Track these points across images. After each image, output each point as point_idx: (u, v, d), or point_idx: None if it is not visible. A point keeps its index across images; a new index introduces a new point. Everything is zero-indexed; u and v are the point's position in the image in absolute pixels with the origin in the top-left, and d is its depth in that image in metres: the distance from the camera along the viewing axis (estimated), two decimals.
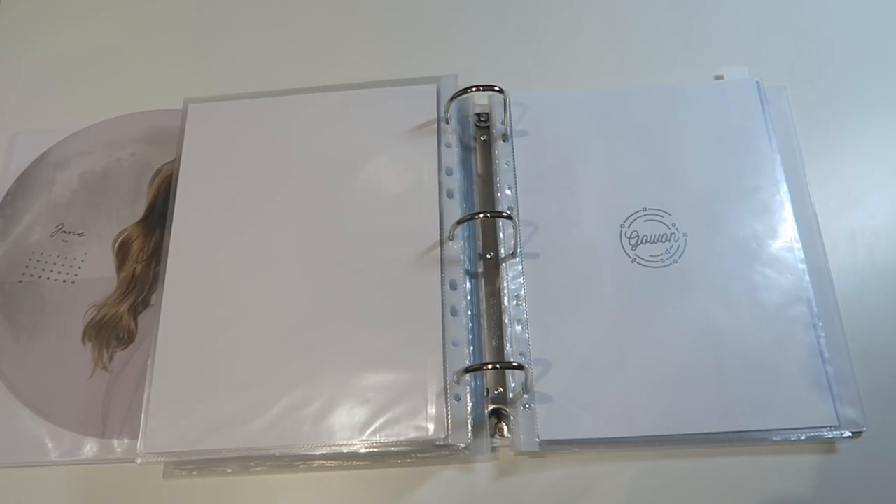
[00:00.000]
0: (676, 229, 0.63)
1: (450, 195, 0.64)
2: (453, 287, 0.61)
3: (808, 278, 0.61)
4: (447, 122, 0.67)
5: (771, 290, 0.61)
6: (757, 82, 0.69)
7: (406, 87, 0.70)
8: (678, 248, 0.63)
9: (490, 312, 0.63)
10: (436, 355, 0.58)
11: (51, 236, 0.69)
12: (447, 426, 0.56)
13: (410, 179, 0.65)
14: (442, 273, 0.61)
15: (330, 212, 0.65)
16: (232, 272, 0.63)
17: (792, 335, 0.59)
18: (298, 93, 0.71)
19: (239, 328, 0.61)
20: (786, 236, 0.63)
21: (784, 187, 0.65)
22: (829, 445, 0.58)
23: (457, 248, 0.62)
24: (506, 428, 0.58)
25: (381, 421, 0.57)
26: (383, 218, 0.64)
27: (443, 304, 0.60)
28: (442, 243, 0.62)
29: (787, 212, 0.64)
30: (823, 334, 0.60)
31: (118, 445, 0.60)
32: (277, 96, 0.71)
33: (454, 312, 0.60)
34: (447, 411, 0.56)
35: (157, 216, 0.68)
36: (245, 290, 0.62)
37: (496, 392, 0.59)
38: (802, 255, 0.62)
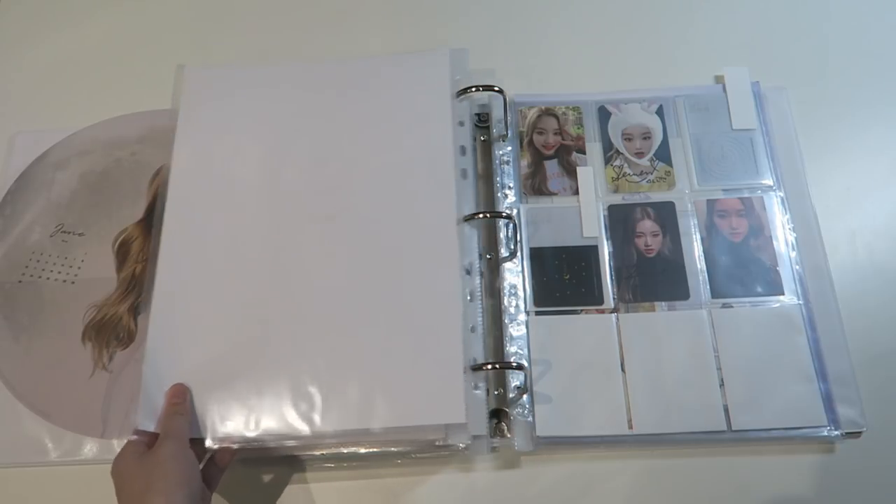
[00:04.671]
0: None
1: (464, 175, 0.63)
2: (469, 272, 0.60)
3: (802, 278, 0.62)
4: (458, 97, 0.65)
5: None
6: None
7: (416, 55, 0.67)
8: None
9: (490, 312, 0.63)
10: (454, 341, 0.56)
11: (51, 236, 0.69)
12: (465, 412, 0.54)
13: (424, 151, 0.63)
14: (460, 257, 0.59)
15: (338, 187, 0.62)
16: (232, 255, 0.61)
17: (791, 336, 0.59)
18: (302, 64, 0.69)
19: (240, 317, 0.59)
20: (782, 236, 0.63)
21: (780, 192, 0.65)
22: (828, 445, 0.58)
23: (470, 233, 0.61)
24: (506, 428, 0.58)
25: (395, 410, 0.55)
26: (394, 192, 0.61)
27: (462, 288, 0.58)
28: (459, 222, 0.60)
29: (780, 212, 0.64)
30: (822, 335, 0.60)
31: (118, 445, 0.60)
32: (281, 66, 0.69)
33: (471, 297, 0.59)
34: (465, 397, 0.55)
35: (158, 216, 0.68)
36: (248, 275, 0.60)
37: (496, 392, 0.59)
38: (795, 253, 0.63)
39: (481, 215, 0.62)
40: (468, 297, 0.59)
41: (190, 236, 0.62)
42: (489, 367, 0.56)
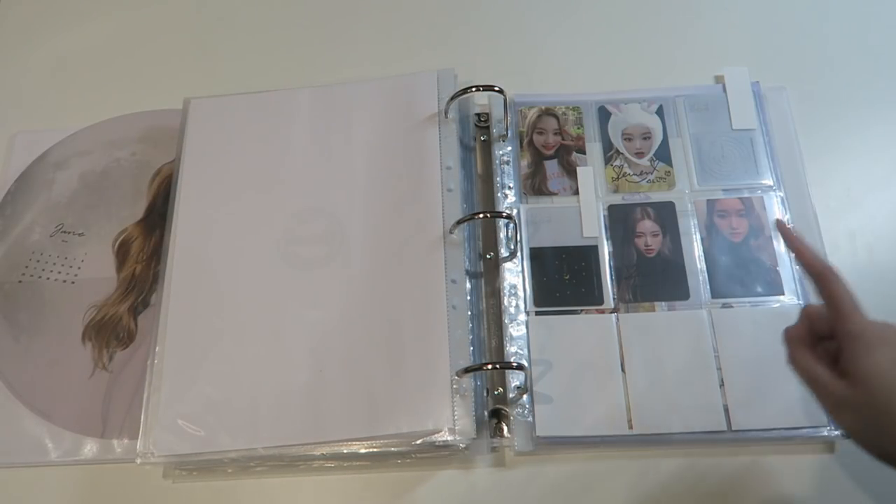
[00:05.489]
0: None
1: (449, 189, 0.64)
2: (455, 282, 0.61)
3: (802, 279, 0.62)
4: (446, 116, 0.67)
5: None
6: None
7: (406, 77, 0.70)
8: None
9: (490, 312, 0.63)
10: (441, 351, 0.58)
11: (51, 236, 0.69)
12: (454, 421, 0.56)
13: (412, 172, 0.65)
14: (445, 268, 0.61)
15: (332, 205, 0.65)
16: (234, 270, 0.63)
17: None
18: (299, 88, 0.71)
19: (242, 329, 0.61)
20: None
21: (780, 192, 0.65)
22: (828, 445, 0.58)
23: (457, 241, 0.62)
24: (506, 428, 0.58)
25: (384, 417, 0.56)
26: (385, 211, 0.64)
27: (446, 299, 0.60)
28: (444, 237, 0.62)
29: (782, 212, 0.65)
30: None
31: (118, 445, 0.60)
32: (278, 91, 0.71)
33: (456, 308, 0.60)
34: (453, 407, 0.56)
35: (157, 216, 0.68)
36: (248, 290, 0.62)
37: (496, 392, 0.59)
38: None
39: (481, 215, 0.62)
40: (454, 307, 0.60)
41: (199, 269, 0.63)
42: (489, 367, 0.56)
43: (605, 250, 0.64)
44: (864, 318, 0.46)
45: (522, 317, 0.61)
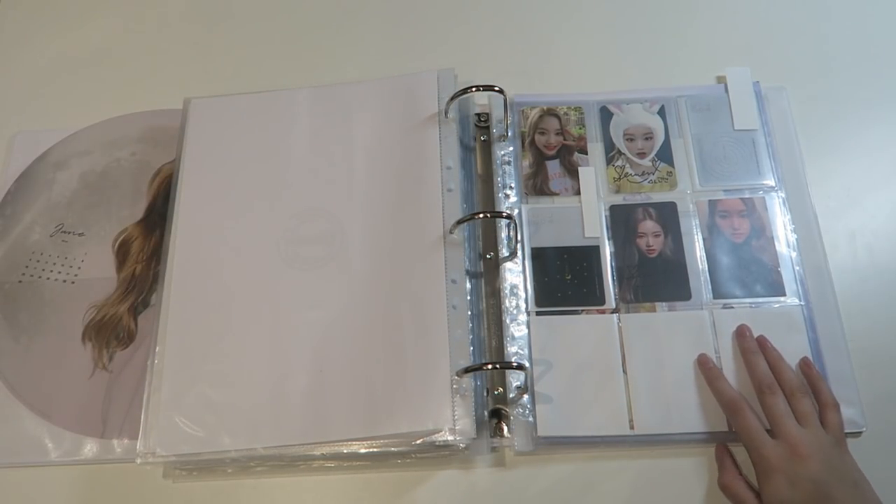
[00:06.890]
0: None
1: (449, 189, 0.64)
2: (455, 282, 0.61)
3: (802, 279, 0.62)
4: (446, 116, 0.67)
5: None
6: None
7: (406, 77, 0.70)
8: None
9: (490, 312, 0.62)
10: (441, 351, 0.58)
11: (51, 236, 0.69)
12: (454, 421, 0.55)
13: (412, 172, 0.65)
14: (445, 268, 0.61)
15: (332, 206, 0.65)
16: (235, 270, 0.63)
17: (791, 336, 0.59)
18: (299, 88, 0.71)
19: (242, 329, 0.61)
20: (783, 237, 0.63)
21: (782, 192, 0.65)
22: None
23: (457, 241, 0.62)
24: (506, 428, 0.58)
25: (384, 418, 0.56)
26: (385, 211, 0.64)
27: (447, 299, 0.60)
28: (444, 237, 0.62)
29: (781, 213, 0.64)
30: (822, 335, 0.60)
31: (118, 445, 0.60)
32: (278, 91, 0.71)
33: (456, 308, 0.60)
34: (453, 407, 0.56)
35: (157, 216, 0.68)
36: (248, 290, 0.62)
37: (496, 392, 0.59)
38: (796, 254, 0.63)
39: (481, 215, 0.62)
40: (454, 307, 0.60)
41: (199, 270, 0.63)
42: (489, 366, 0.56)
43: (607, 250, 0.64)
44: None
45: (523, 317, 0.61)
